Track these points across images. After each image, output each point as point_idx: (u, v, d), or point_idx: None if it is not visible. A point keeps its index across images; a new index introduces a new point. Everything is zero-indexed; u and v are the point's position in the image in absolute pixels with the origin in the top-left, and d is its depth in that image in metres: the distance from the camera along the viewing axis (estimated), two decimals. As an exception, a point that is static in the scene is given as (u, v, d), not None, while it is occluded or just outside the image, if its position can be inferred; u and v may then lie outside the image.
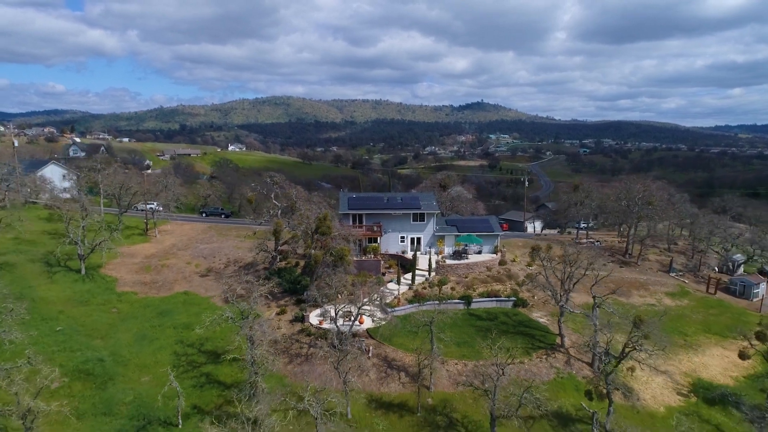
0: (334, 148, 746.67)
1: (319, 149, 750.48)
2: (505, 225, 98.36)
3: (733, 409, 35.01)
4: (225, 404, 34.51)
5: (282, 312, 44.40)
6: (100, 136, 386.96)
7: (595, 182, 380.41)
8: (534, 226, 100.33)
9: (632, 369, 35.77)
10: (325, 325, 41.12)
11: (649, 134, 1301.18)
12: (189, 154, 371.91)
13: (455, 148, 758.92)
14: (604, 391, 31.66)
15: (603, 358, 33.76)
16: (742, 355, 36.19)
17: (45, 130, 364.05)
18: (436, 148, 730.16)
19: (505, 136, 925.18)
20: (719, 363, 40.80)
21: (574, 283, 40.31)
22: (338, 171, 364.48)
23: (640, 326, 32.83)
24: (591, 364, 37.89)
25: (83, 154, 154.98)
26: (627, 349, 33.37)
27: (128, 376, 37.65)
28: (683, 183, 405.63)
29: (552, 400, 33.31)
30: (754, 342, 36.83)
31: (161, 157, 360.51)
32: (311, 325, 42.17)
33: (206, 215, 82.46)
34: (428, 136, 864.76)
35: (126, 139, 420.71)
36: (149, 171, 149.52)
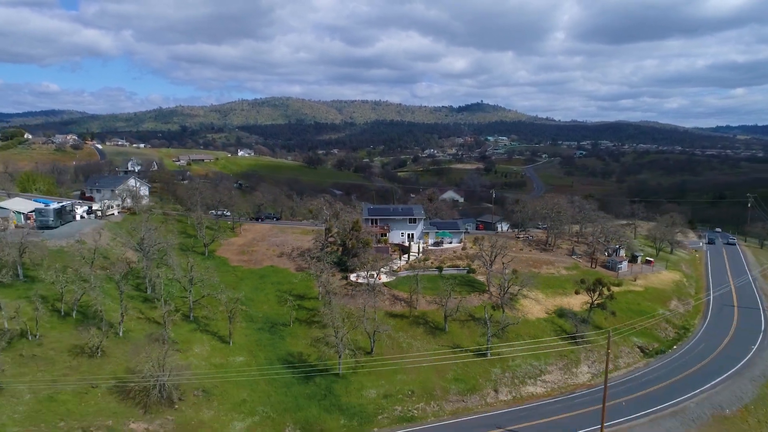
0: (335, 151, 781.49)
1: (320, 152, 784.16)
2: (481, 225, 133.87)
3: (569, 319, 70.05)
4: (311, 317, 69.49)
5: (332, 275, 79.44)
6: (119, 143, 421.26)
7: (585, 184, 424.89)
8: (501, 227, 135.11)
9: (521, 298, 70.80)
10: (361, 280, 76.22)
11: (648, 135, 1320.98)
12: (203, 160, 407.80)
13: (453, 150, 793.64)
14: (502, 306, 66.77)
15: (504, 292, 68.85)
16: (577, 292, 71.41)
17: (68, 137, 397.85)
18: (435, 151, 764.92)
19: (503, 138, 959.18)
20: (577, 301, 75.69)
21: (494, 257, 75.43)
22: (343, 175, 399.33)
23: (521, 279, 67.94)
24: (501, 297, 72.92)
25: (139, 167, 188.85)
26: (515, 288, 68.41)
27: (256, 306, 72.62)
28: (667, 186, 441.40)
29: (476, 312, 68.36)
30: (591, 287, 71.72)
31: (177, 162, 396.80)
32: (352, 281, 77.26)
33: (262, 219, 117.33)
34: (427, 139, 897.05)
35: (142, 145, 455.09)
36: (185, 182, 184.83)
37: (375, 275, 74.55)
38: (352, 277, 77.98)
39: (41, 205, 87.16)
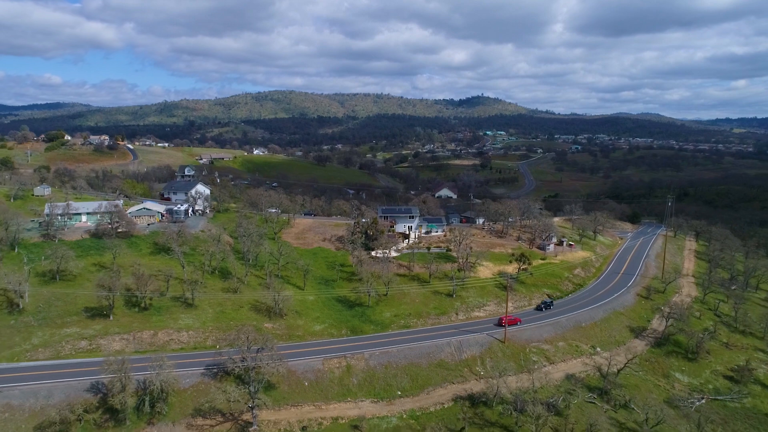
0: (339, 146, 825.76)
1: (325, 147, 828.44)
2: (464, 219, 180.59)
3: (504, 277, 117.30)
4: (348, 276, 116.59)
5: (361, 251, 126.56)
6: (147, 143, 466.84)
7: (573, 180, 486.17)
8: (478, 221, 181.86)
9: (478, 265, 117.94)
10: (378, 255, 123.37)
11: (645, 129, 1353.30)
12: (223, 158, 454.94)
13: (453, 145, 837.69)
14: (464, 269, 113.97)
15: (465, 261, 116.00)
16: (510, 261, 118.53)
17: (101, 137, 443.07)
18: (435, 146, 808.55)
19: (501, 132, 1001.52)
20: (512, 268, 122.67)
21: (461, 241, 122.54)
22: (350, 173, 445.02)
23: (476, 254, 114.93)
24: (463, 264, 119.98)
25: (193, 173, 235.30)
26: (473, 260, 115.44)
27: (314, 271, 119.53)
28: (649, 181, 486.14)
29: (448, 273, 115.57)
30: (519, 259, 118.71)
31: (201, 161, 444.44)
32: (373, 255, 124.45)
33: (304, 215, 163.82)
34: (428, 135, 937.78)
35: (165, 144, 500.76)
36: (233, 183, 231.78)
37: (387, 252, 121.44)
38: (373, 253, 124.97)
39: (160, 207, 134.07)
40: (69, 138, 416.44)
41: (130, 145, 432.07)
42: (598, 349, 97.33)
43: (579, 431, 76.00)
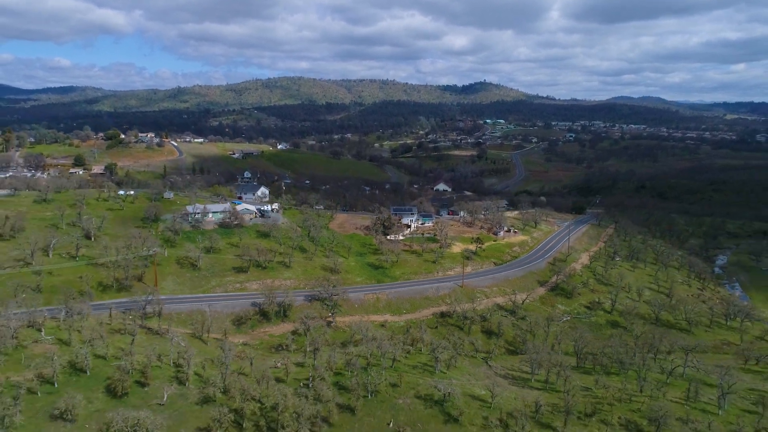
0: (349, 135, 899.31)
1: (335, 136, 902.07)
2: (451, 212, 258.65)
3: (468, 252, 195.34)
4: (373, 251, 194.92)
5: (381, 236, 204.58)
6: (186, 139, 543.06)
7: (559, 170, 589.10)
8: (461, 214, 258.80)
9: (452, 244, 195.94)
10: (391, 238, 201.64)
11: (640, 116, 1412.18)
12: (252, 153, 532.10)
13: (454, 134, 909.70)
14: (443, 246, 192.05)
15: (444, 241, 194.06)
16: (472, 241, 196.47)
17: (149, 136, 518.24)
18: (437, 136, 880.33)
19: (500, 121, 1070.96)
20: (474, 246, 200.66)
21: (442, 230, 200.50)
22: (362, 167, 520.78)
23: (450, 237, 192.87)
24: (443, 244, 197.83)
25: (250, 176, 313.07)
26: (449, 241, 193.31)
27: (353, 248, 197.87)
28: (625, 172, 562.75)
29: (433, 250, 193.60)
30: (476, 240, 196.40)
31: (234, 156, 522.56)
32: (388, 238, 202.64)
33: (341, 211, 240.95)
34: (431, 125, 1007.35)
35: (201, 140, 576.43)
36: (282, 184, 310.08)
37: (397, 236, 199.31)
38: (388, 236, 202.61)
39: (253, 207, 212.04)
40: (123, 136, 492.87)
41: (174, 142, 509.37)
42: (516, 291, 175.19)
43: (494, 327, 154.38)
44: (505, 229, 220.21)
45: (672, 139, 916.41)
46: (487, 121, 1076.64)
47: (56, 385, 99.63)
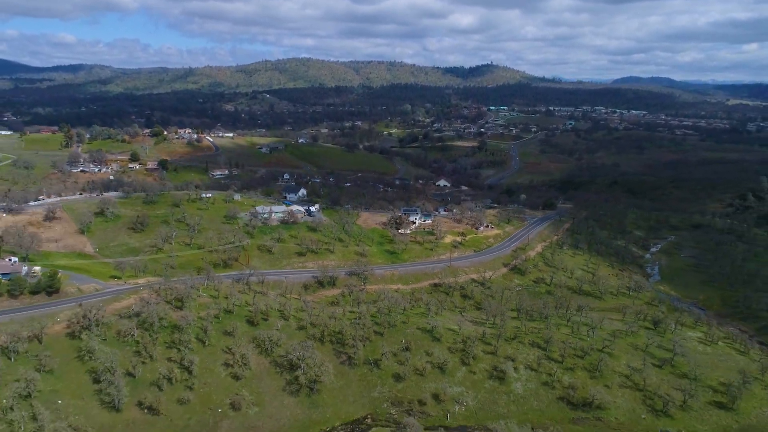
0: (359, 123, 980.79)
1: (346, 123, 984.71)
2: (447, 209, 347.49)
3: (456, 242, 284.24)
4: (389, 241, 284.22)
5: (395, 230, 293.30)
6: (219, 134, 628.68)
7: (551, 162, 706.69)
8: (454, 210, 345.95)
9: (445, 236, 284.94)
10: (401, 231, 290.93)
11: (642, 101, 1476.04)
12: (277, 147, 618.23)
13: (459, 122, 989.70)
14: (438, 238, 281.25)
15: (438, 233, 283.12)
16: (458, 234, 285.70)
17: (186, 132, 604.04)
18: (442, 125, 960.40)
19: (504, 108, 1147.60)
20: (459, 238, 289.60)
21: (438, 226, 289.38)
22: (374, 160, 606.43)
23: (443, 229, 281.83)
24: (437, 235, 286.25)
25: (288, 177, 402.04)
26: (442, 234, 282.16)
27: (375, 238, 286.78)
28: (610, 164, 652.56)
29: (431, 240, 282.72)
30: (462, 233, 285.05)
31: (261, 150, 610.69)
32: (400, 232, 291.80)
33: (364, 209, 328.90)
34: (436, 112, 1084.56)
35: (230, 135, 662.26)
36: (309, 182, 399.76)
37: (405, 230, 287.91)
38: (399, 231, 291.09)
39: (302, 208, 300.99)
40: (166, 132, 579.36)
41: (209, 137, 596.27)
42: (487, 270, 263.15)
43: (468, 293, 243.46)
44: (485, 225, 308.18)
45: (667, 127, 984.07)
46: (491, 108, 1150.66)
47: (220, 319, 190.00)
